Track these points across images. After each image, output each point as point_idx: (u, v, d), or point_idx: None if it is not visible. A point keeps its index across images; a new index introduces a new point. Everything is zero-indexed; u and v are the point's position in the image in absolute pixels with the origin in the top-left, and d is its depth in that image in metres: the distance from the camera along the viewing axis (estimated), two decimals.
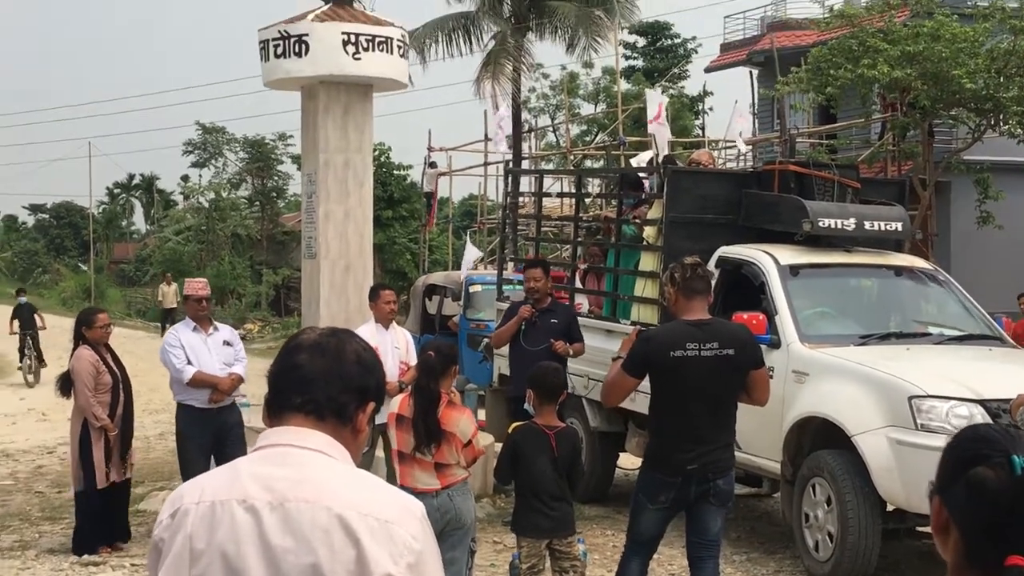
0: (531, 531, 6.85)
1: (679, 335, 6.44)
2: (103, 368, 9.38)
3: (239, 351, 9.75)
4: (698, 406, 6.44)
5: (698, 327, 6.44)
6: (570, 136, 33.42)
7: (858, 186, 10.49)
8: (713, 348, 6.41)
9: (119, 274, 63.21)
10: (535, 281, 10.31)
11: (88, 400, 9.23)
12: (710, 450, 6.48)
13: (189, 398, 9.47)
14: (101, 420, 9.25)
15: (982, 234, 24.55)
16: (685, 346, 6.37)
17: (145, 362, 26.29)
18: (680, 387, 6.41)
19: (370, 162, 11.79)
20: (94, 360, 9.34)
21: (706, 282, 6.56)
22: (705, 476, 6.50)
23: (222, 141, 50.08)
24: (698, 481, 6.50)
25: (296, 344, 2.66)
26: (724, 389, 6.53)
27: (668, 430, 6.55)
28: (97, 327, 9.52)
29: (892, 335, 9.46)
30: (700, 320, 6.48)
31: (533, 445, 6.82)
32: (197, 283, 10.12)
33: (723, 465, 6.58)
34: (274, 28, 11.19)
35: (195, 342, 9.52)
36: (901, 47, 20.64)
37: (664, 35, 46.28)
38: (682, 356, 6.35)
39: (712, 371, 6.41)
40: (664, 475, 6.52)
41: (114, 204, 75.67)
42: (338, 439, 2.57)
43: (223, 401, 9.46)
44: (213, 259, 47.60)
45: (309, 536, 2.39)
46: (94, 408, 9.23)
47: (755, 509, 11.27)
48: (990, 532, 2.11)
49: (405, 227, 42.52)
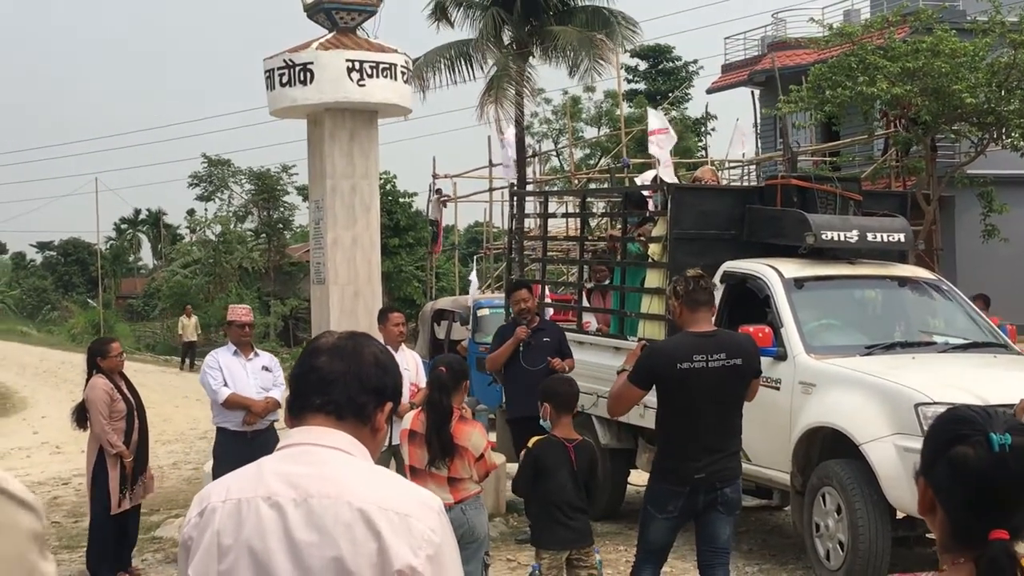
0: (553, 543, 6.91)
1: (686, 347, 6.54)
2: (117, 396, 9.49)
3: (278, 377, 9.87)
4: (705, 416, 6.53)
5: (704, 338, 6.54)
6: (574, 160, 33.57)
7: (860, 199, 10.59)
8: (720, 359, 6.51)
9: (127, 309, 63.35)
10: (524, 302, 10.44)
11: (103, 427, 9.33)
12: (717, 459, 6.57)
13: (224, 420, 9.61)
14: (116, 447, 9.35)
15: (988, 248, 24.62)
16: (692, 358, 6.47)
17: (157, 394, 26.41)
18: (687, 398, 6.51)
19: (376, 188, 11.90)
20: (108, 388, 9.45)
21: (709, 293, 6.69)
22: (712, 485, 6.58)
23: (227, 173, 50.26)
24: (706, 490, 6.59)
25: (316, 347, 2.77)
26: (731, 398, 6.64)
27: (675, 441, 6.64)
28: (111, 356, 9.63)
29: (897, 344, 9.54)
30: (706, 331, 6.59)
31: (553, 458, 6.89)
32: (241, 309, 10.34)
33: (730, 474, 6.66)
34: (279, 57, 11.32)
35: (234, 366, 9.67)
36: (901, 63, 20.79)
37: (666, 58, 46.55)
38: (689, 368, 6.45)
39: (720, 381, 6.51)
40: (672, 485, 6.61)
41: (121, 239, 75.91)
42: (357, 438, 2.66)
43: (256, 424, 9.56)
44: (221, 291, 47.72)
45: (332, 530, 2.48)
46: (109, 435, 9.33)
47: (766, 522, 11.32)
48: (973, 508, 2.20)
49: (412, 255, 42.67)
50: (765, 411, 9.16)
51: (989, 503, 2.20)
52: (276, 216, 50.31)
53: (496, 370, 10.90)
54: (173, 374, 33.89)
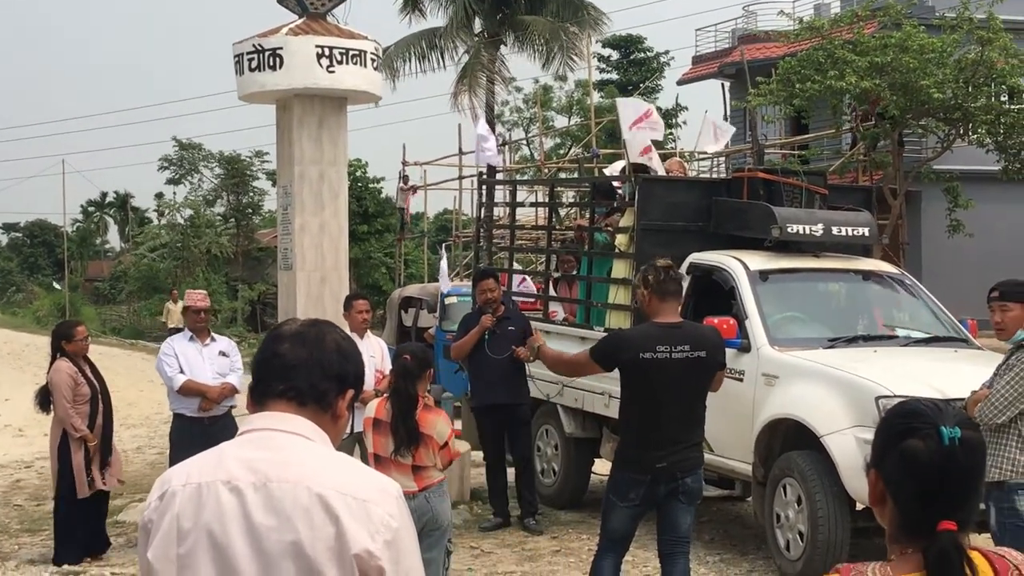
0: None
1: (650, 337, 6.59)
2: (81, 380, 9.47)
3: (235, 362, 9.86)
4: (667, 407, 6.59)
5: (669, 329, 6.59)
6: (544, 149, 33.59)
7: (825, 192, 10.67)
8: (684, 351, 6.56)
9: (94, 292, 63.02)
10: (490, 292, 10.45)
11: (67, 411, 9.31)
12: (679, 449, 6.63)
13: (181, 407, 9.60)
14: (80, 431, 9.33)
15: (953, 242, 24.83)
16: (655, 348, 6.51)
17: (122, 378, 26.29)
18: (649, 388, 6.56)
19: (345, 174, 11.90)
20: (72, 372, 9.43)
21: (678, 284, 6.73)
22: (673, 475, 6.64)
23: (198, 157, 50.03)
24: (667, 480, 6.64)
25: (278, 334, 2.79)
26: (694, 390, 6.70)
27: (638, 430, 6.69)
28: (77, 339, 9.61)
29: (860, 338, 9.62)
30: (672, 323, 6.64)
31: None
32: (197, 294, 10.32)
33: (691, 464, 6.72)
34: (248, 42, 11.30)
35: (190, 352, 9.66)
36: (870, 58, 20.92)
37: (637, 48, 46.60)
38: (651, 358, 6.50)
39: (683, 373, 6.56)
40: (634, 473, 6.66)
41: (88, 222, 75.49)
42: (318, 424, 2.69)
43: (212, 410, 9.56)
44: (188, 276, 47.53)
45: (291, 515, 2.51)
46: (73, 419, 9.31)
47: (728, 512, 11.41)
48: (922, 500, 2.26)
49: (380, 241, 42.61)
50: (728, 402, 9.23)
51: (938, 495, 2.25)
52: (245, 201, 50.14)
53: (461, 358, 10.91)
54: (139, 358, 33.75)
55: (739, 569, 9.21)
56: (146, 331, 47.91)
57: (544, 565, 9.31)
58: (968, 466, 2.28)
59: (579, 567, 9.15)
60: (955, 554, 2.20)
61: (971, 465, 2.28)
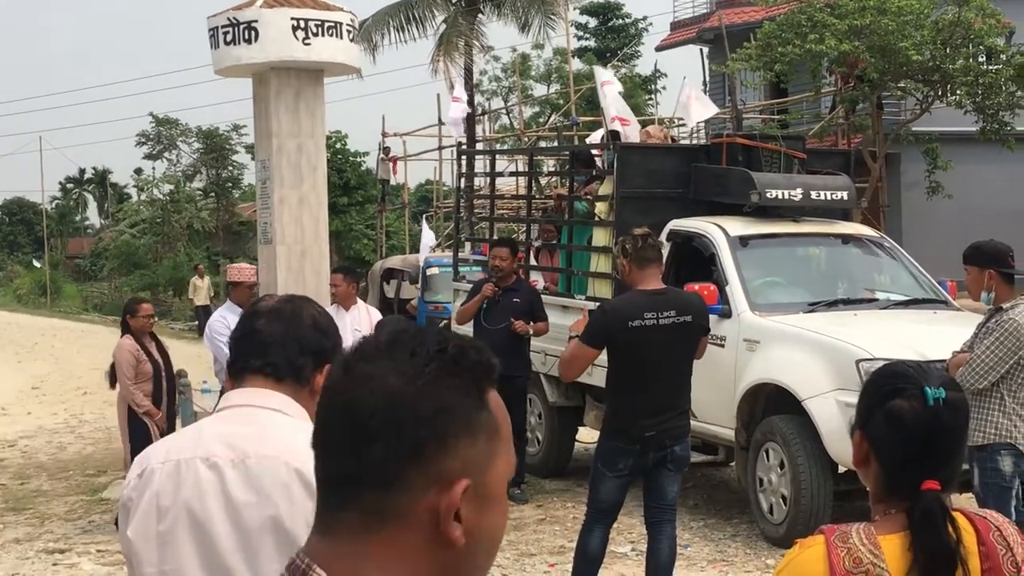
0: None
1: (637, 305, 6.59)
2: (144, 357, 9.51)
3: None
4: (656, 374, 6.59)
5: (655, 296, 6.59)
6: (523, 118, 33.52)
7: (804, 157, 10.69)
8: (671, 316, 6.56)
9: (75, 269, 62.80)
10: (500, 260, 10.46)
11: (128, 388, 9.37)
12: (668, 417, 6.63)
13: None
14: (143, 406, 9.37)
15: (932, 204, 24.90)
16: (643, 316, 6.51)
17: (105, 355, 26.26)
18: (639, 356, 6.56)
19: (323, 147, 11.85)
20: (134, 349, 9.47)
21: (657, 251, 6.74)
22: (662, 443, 6.64)
23: (176, 133, 49.77)
24: (656, 448, 6.65)
25: (255, 310, 2.80)
26: (681, 356, 6.71)
27: (626, 399, 6.69)
28: (139, 316, 9.68)
29: (840, 302, 9.67)
30: (656, 289, 6.63)
31: None
32: (247, 269, 10.22)
33: (679, 431, 6.74)
34: (223, 15, 11.22)
35: None
36: (848, 21, 20.89)
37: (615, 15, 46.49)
38: (640, 326, 6.50)
39: (670, 339, 6.56)
40: (623, 443, 6.66)
41: (67, 199, 75.13)
42: (296, 399, 2.69)
43: None
44: (169, 251, 47.39)
45: (270, 490, 2.51)
46: (135, 396, 9.36)
47: (712, 477, 11.47)
48: (907, 459, 2.29)
49: (362, 213, 42.49)
50: (710, 368, 9.25)
51: (922, 455, 2.28)
52: (225, 175, 49.94)
53: (464, 324, 11.00)
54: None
55: (723, 533, 9.27)
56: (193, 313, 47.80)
57: (530, 534, 9.36)
58: (952, 426, 2.31)
59: (564, 535, 9.20)
60: (939, 513, 2.23)
61: (955, 425, 2.32)
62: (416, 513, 1.39)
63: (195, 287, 32.37)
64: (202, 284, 32.06)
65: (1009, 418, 6.51)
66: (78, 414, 17.01)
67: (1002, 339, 6.46)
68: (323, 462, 1.46)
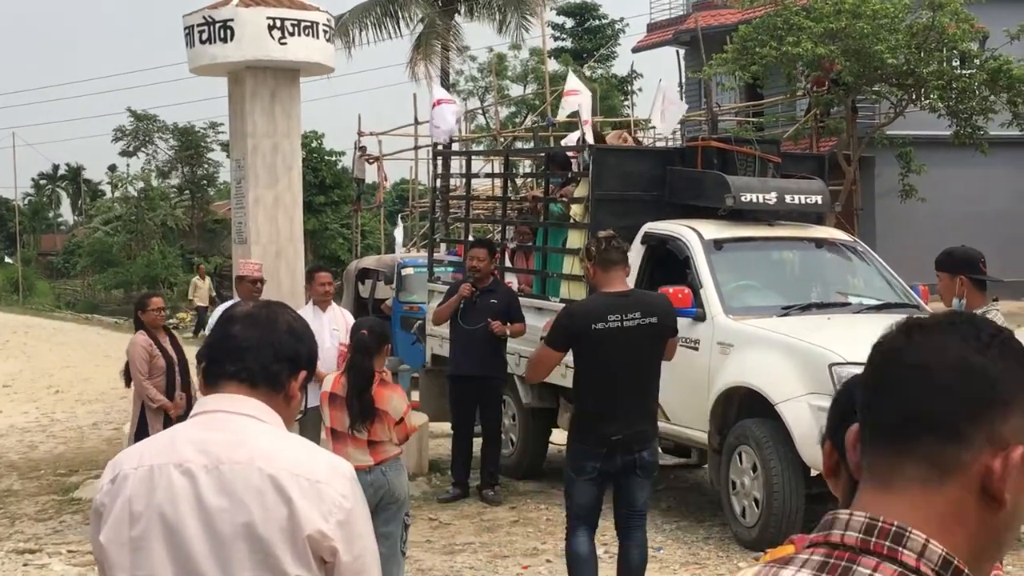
0: None
1: (601, 307, 6.59)
2: (156, 352, 9.46)
3: None
4: (622, 377, 6.58)
5: (619, 298, 6.59)
6: (499, 118, 33.52)
7: (779, 161, 10.73)
8: (635, 318, 6.55)
9: (47, 266, 62.46)
10: (478, 261, 10.49)
11: (142, 383, 9.33)
12: (634, 421, 6.61)
13: None
14: (158, 400, 9.32)
15: (906, 208, 25.04)
16: (607, 318, 6.51)
17: (78, 353, 26.17)
18: (603, 359, 6.56)
19: (298, 147, 11.84)
20: (147, 345, 9.43)
21: (621, 252, 6.71)
22: (630, 447, 6.62)
23: (153, 129, 49.57)
24: (623, 452, 6.63)
25: (230, 316, 2.80)
26: (647, 358, 6.68)
27: (592, 402, 6.68)
28: (149, 310, 9.63)
29: (813, 305, 9.72)
30: (620, 291, 6.63)
31: None
32: (252, 264, 10.12)
33: (647, 436, 6.71)
34: (198, 14, 11.19)
35: None
36: (824, 24, 20.99)
37: (592, 16, 46.53)
38: (604, 328, 6.50)
39: (635, 341, 6.55)
40: (589, 446, 6.64)
41: (40, 195, 74.72)
42: (271, 405, 2.69)
43: None
44: (143, 249, 47.20)
45: (243, 496, 2.51)
46: (148, 390, 9.32)
47: (684, 479, 11.50)
48: None
49: (337, 212, 42.47)
50: (684, 371, 9.29)
51: None
52: (200, 173, 49.80)
53: (440, 324, 11.02)
54: (94, 332, 33.51)
55: (695, 536, 9.30)
56: (101, 305, 47.59)
57: (503, 535, 9.36)
58: None
59: (537, 537, 9.22)
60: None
61: None
62: (971, 472, 1.45)
63: (195, 287, 32.51)
64: (203, 284, 32.16)
65: None
66: (49, 413, 16.93)
67: None
68: (879, 410, 1.52)
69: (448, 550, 8.94)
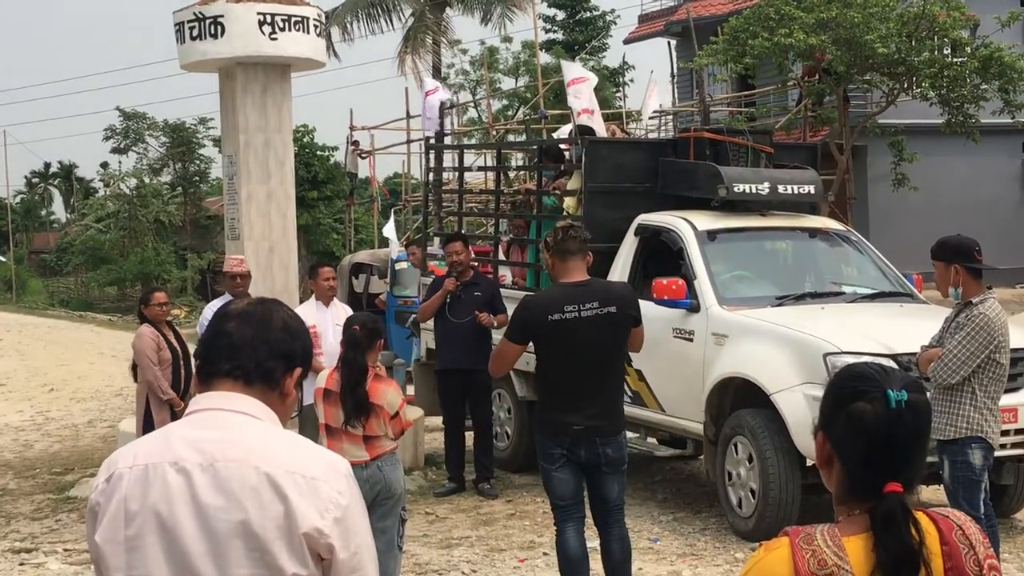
0: None
1: (556, 298, 6.52)
2: (163, 345, 9.48)
3: None
4: (581, 367, 6.46)
5: (576, 288, 6.46)
6: (491, 111, 33.47)
7: (771, 151, 10.73)
8: (593, 308, 6.42)
9: (40, 264, 62.32)
10: (456, 255, 10.50)
11: (155, 373, 9.33)
12: (596, 412, 6.50)
13: None
14: (167, 393, 9.33)
15: (899, 196, 25.03)
16: (564, 309, 6.40)
17: (71, 351, 26.13)
18: (561, 349, 6.45)
19: (290, 142, 11.83)
20: (155, 336, 9.46)
21: (580, 242, 6.56)
22: (593, 440, 6.50)
23: (143, 127, 49.42)
24: (586, 443, 6.51)
25: (225, 313, 2.79)
26: (607, 348, 6.54)
27: (552, 393, 6.61)
28: (153, 305, 9.65)
29: (807, 295, 9.71)
30: (578, 281, 6.51)
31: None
32: (235, 259, 10.18)
33: (610, 430, 6.57)
34: (189, 10, 11.17)
35: None
36: (815, 14, 20.98)
37: (583, 7, 46.43)
38: (560, 319, 6.39)
39: (594, 331, 6.42)
40: (552, 436, 6.56)
41: (32, 193, 74.58)
42: (266, 403, 2.68)
43: None
44: (136, 246, 47.07)
45: (239, 494, 2.51)
46: (159, 381, 9.33)
47: (680, 471, 11.51)
48: (869, 461, 2.31)
49: (330, 207, 42.37)
50: (678, 362, 9.31)
51: (885, 457, 2.30)
52: (192, 169, 49.68)
53: (426, 320, 11.01)
54: (88, 330, 33.46)
55: (692, 527, 9.31)
56: (95, 302, 47.50)
57: (499, 529, 9.37)
58: (914, 428, 2.33)
59: (534, 530, 9.22)
60: (901, 515, 2.26)
61: (917, 427, 2.33)
62: None
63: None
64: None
65: (980, 412, 6.57)
66: (44, 411, 16.91)
67: (973, 334, 6.51)
68: None
69: (445, 544, 8.94)
